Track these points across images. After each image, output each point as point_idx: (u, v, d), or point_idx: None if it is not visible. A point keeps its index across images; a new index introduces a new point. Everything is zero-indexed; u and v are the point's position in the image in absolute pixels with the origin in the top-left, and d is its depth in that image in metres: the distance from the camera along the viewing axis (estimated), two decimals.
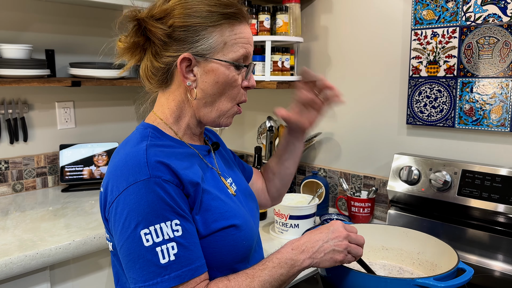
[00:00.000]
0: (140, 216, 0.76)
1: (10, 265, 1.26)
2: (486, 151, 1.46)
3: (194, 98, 0.89)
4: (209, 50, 0.87)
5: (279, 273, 0.83)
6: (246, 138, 2.21)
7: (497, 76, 1.39)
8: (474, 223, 1.39)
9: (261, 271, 0.83)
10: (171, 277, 0.76)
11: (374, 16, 1.68)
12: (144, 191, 0.77)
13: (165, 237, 0.76)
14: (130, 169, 0.79)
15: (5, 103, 1.92)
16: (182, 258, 0.77)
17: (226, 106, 0.91)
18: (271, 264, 0.84)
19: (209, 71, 0.87)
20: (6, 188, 1.95)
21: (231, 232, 0.86)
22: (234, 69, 0.88)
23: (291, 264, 0.84)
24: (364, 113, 1.75)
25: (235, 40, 0.88)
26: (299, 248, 0.86)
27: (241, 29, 0.89)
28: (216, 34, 0.87)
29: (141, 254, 0.76)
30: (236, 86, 0.90)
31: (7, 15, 1.90)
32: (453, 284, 0.91)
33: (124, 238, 0.78)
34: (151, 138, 0.87)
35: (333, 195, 1.86)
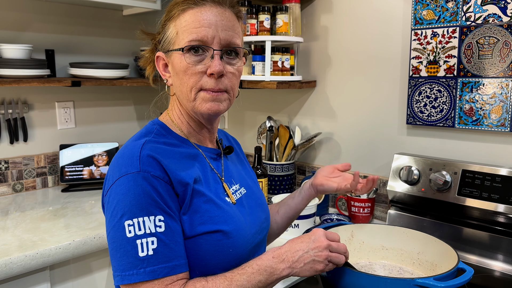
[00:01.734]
0: (126, 207, 0.78)
1: (10, 265, 1.26)
2: (486, 151, 1.46)
3: (172, 94, 0.93)
4: (169, 43, 0.89)
5: (257, 279, 0.83)
6: (246, 138, 2.21)
7: (497, 76, 1.39)
8: (474, 223, 1.39)
9: (239, 275, 0.82)
10: (146, 271, 0.77)
11: (374, 16, 1.68)
12: (132, 184, 0.79)
13: (147, 231, 0.78)
14: (124, 161, 0.82)
15: (5, 103, 1.92)
16: (160, 254, 0.78)
17: (190, 95, 0.87)
18: (251, 269, 0.83)
19: (172, 64, 0.90)
20: (6, 188, 1.95)
21: (216, 238, 0.85)
22: (188, 56, 0.85)
23: (270, 272, 0.84)
24: (364, 113, 1.75)
25: (185, 27, 0.86)
26: (280, 257, 0.85)
27: (193, 13, 0.86)
28: (171, 26, 0.88)
29: (123, 244, 0.78)
30: (193, 73, 0.86)
31: (7, 15, 1.90)
32: (453, 284, 0.91)
33: (110, 227, 0.80)
34: (155, 134, 0.89)
35: (333, 195, 1.86)
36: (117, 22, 2.27)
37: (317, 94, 1.90)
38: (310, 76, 1.92)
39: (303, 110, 1.97)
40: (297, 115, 1.99)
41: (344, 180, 1.12)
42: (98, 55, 2.22)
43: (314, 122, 1.93)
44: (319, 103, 1.90)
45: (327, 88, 1.86)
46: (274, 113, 2.07)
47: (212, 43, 0.86)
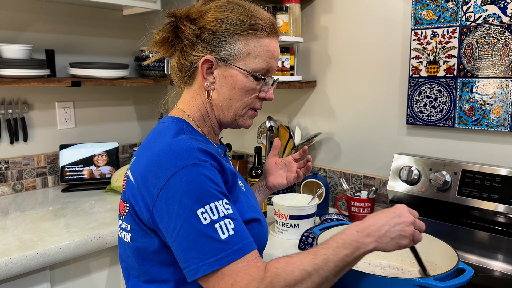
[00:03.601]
0: (194, 196, 0.78)
1: (10, 265, 1.26)
2: (486, 151, 1.46)
3: (209, 99, 0.95)
4: (232, 57, 0.91)
5: (343, 253, 0.81)
6: (246, 138, 2.21)
7: (497, 76, 1.39)
8: (474, 223, 1.39)
9: (324, 249, 0.81)
10: (234, 250, 0.77)
11: (374, 16, 1.68)
12: (195, 174, 0.80)
13: (221, 214, 0.79)
14: (177, 155, 0.82)
15: (5, 103, 1.92)
16: (240, 232, 0.79)
17: (240, 111, 0.96)
18: (335, 244, 0.82)
19: (228, 76, 0.92)
20: (6, 188, 1.95)
21: (256, 226, 0.91)
22: (252, 79, 0.92)
23: (356, 246, 0.82)
24: (364, 113, 1.75)
25: (259, 52, 0.92)
26: (364, 231, 0.84)
27: (267, 43, 0.93)
28: (241, 42, 0.91)
29: (201, 232, 0.77)
30: (252, 94, 0.94)
31: (7, 15, 1.90)
32: (453, 284, 0.91)
33: (182, 219, 0.78)
34: (187, 132, 0.91)
35: (333, 195, 1.86)
36: (117, 22, 2.27)
37: (317, 94, 1.90)
38: (310, 76, 1.92)
39: (303, 110, 1.97)
40: (297, 115, 1.99)
41: (289, 172, 1.25)
42: (98, 55, 2.22)
43: (314, 122, 1.93)
44: (319, 103, 1.90)
45: (327, 88, 1.86)
46: (274, 113, 2.07)
47: (273, 73, 0.97)
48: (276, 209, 1.54)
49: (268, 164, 1.29)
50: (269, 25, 0.93)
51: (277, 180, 1.25)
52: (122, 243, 0.95)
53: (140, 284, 0.92)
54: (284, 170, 1.26)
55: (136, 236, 0.89)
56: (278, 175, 1.26)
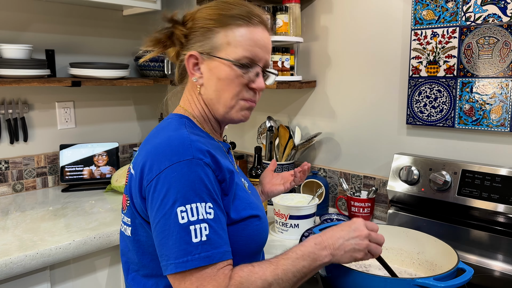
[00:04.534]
0: (179, 193, 0.79)
1: (10, 265, 1.26)
2: (486, 151, 1.46)
3: (198, 93, 0.96)
4: (213, 49, 0.93)
5: (301, 264, 0.85)
6: (246, 138, 2.21)
7: (497, 76, 1.39)
8: (474, 223, 1.39)
9: (284, 260, 0.85)
10: (201, 257, 0.77)
11: (374, 16, 1.68)
12: (186, 170, 0.80)
13: (200, 217, 0.79)
14: (173, 149, 0.83)
15: (5, 103, 1.92)
16: (212, 240, 0.79)
17: (230, 102, 0.94)
18: (294, 255, 0.86)
19: (212, 69, 0.93)
20: (6, 188, 1.95)
21: (255, 222, 0.91)
22: (237, 68, 0.92)
23: (313, 258, 0.87)
24: (364, 113, 1.75)
25: (239, 41, 0.92)
26: (321, 243, 0.89)
27: (248, 32, 0.93)
28: (221, 34, 0.92)
29: (175, 231, 0.78)
30: (239, 83, 0.93)
31: (7, 15, 1.90)
32: (453, 284, 0.91)
33: (161, 214, 0.80)
34: (188, 127, 0.92)
35: (333, 195, 1.86)
36: (117, 22, 2.27)
37: (317, 94, 1.90)
38: (310, 76, 1.92)
39: (303, 110, 1.97)
40: (297, 115, 1.99)
41: (285, 180, 1.31)
42: (98, 55, 2.22)
43: (314, 122, 1.93)
44: (319, 103, 1.90)
45: (327, 88, 1.86)
46: (274, 113, 2.07)
47: (259, 62, 0.95)
48: (276, 209, 1.54)
49: (265, 172, 1.35)
50: (249, 14, 0.93)
51: (274, 187, 1.30)
52: (123, 236, 0.97)
53: (139, 278, 0.93)
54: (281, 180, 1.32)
55: (136, 230, 0.90)
56: (274, 182, 1.32)
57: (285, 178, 1.32)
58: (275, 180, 1.32)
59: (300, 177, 1.29)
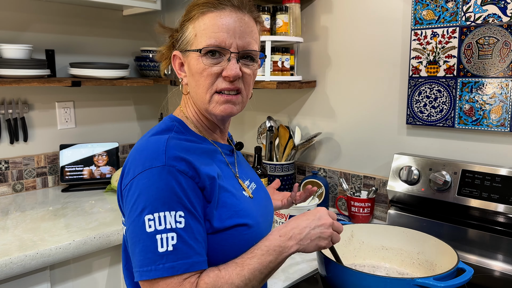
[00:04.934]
0: (148, 201, 0.78)
1: (10, 265, 1.26)
2: (486, 151, 1.46)
3: (186, 93, 0.95)
4: (186, 44, 0.90)
5: (268, 260, 0.84)
6: (246, 138, 2.21)
7: (497, 76, 1.39)
8: (474, 223, 1.39)
9: (250, 259, 0.84)
10: (165, 267, 0.76)
11: (374, 16, 1.68)
12: (156, 178, 0.78)
13: (167, 226, 0.77)
14: (148, 155, 0.82)
15: (5, 103, 1.92)
16: (179, 251, 0.77)
17: (205, 97, 0.89)
18: (260, 252, 0.85)
19: (188, 65, 0.91)
20: (6, 188, 1.95)
21: (243, 231, 0.88)
22: (204, 59, 0.86)
23: (279, 251, 0.85)
24: (364, 113, 1.75)
25: (203, 30, 0.87)
26: (286, 235, 0.87)
27: (211, 17, 0.87)
28: (190, 27, 0.90)
29: (142, 239, 0.77)
30: (209, 75, 0.87)
31: (7, 15, 1.90)
32: (453, 284, 0.91)
33: (130, 221, 0.79)
34: (175, 132, 0.90)
35: (333, 195, 1.86)
36: (117, 22, 2.27)
37: (317, 94, 1.90)
38: (310, 76, 1.92)
39: (303, 110, 1.97)
40: (297, 115, 1.99)
41: (284, 196, 1.26)
42: (98, 55, 2.22)
43: (314, 122, 1.93)
44: (319, 103, 1.90)
45: (327, 88, 1.86)
46: (274, 113, 2.07)
47: (230, 48, 0.87)
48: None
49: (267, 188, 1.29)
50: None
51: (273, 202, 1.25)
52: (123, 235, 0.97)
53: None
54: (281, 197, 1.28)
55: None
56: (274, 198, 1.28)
57: (285, 195, 1.29)
58: (275, 196, 1.29)
59: (300, 195, 1.25)
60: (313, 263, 1.31)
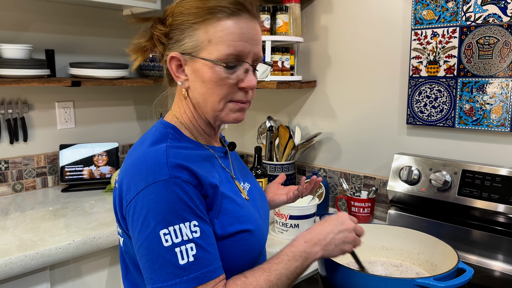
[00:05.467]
0: (160, 216, 0.76)
1: (10, 265, 1.26)
2: (486, 151, 1.46)
3: (185, 98, 0.89)
4: (194, 48, 0.84)
5: (294, 266, 0.85)
6: (246, 138, 2.21)
7: (497, 76, 1.39)
8: (474, 223, 1.39)
9: (276, 264, 0.84)
10: (189, 278, 0.75)
11: (374, 16, 1.68)
12: (163, 191, 0.76)
13: (184, 238, 0.76)
14: (149, 168, 0.79)
15: (5, 103, 1.92)
16: (200, 260, 0.77)
17: (217, 105, 0.86)
18: (286, 257, 0.85)
19: (196, 70, 0.85)
20: (6, 188, 1.95)
21: (245, 237, 0.87)
22: (220, 68, 0.82)
23: (305, 257, 0.86)
24: (364, 113, 1.75)
25: (220, 37, 0.82)
26: (311, 240, 0.88)
27: (230, 25, 0.82)
28: (200, 31, 0.83)
29: (160, 254, 0.75)
30: (225, 85, 0.84)
31: (7, 15, 1.90)
32: (453, 284, 0.91)
33: (143, 238, 0.77)
34: (170, 140, 0.86)
35: (333, 195, 1.86)
36: (117, 22, 2.27)
37: (317, 94, 1.90)
38: (310, 76, 1.92)
39: (303, 110, 1.97)
40: (297, 115, 1.99)
41: (289, 190, 1.21)
42: (98, 55, 2.22)
43: (314, 122, 1.93)
44: (319, 103, 1.90)
45: (327, 88, 1.86)
46: (274, 113, 2.07)
47: (247, 58, 0.85)
48: (276, 209, 1.54)
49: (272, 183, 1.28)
50: (229, 3, 0.82)
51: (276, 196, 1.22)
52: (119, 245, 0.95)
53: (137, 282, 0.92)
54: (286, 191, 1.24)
55: (126, 242, 0.88)
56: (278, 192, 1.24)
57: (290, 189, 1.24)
58: (279, 191, 1.26)
59: (306, 187, 1.20)
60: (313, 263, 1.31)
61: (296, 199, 1.22)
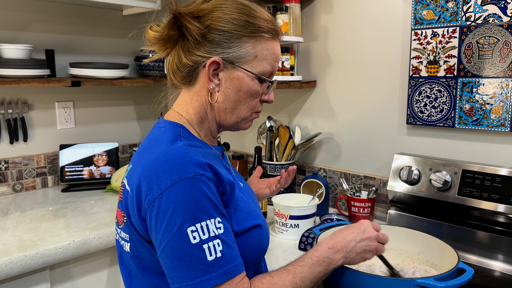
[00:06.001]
0: (187, 213, 0.76)
1: (10, 265, 1.26)
2: (486, 151, 1.46)
3: (214, 101, 0.91)
4: (239, 59, 0.89)
5: (318, 270, 0.87)
6: (246, 138, 2.21)
7: (497, 76, 1.39)
8: (474, 223, 1.38)
9: (301, 267, 0.86)
10: (219, 274, 0.76)
11: (374, 16, 1.68)
12: (190, 189, 0.77)
13: (211, 234, 0.77)
14: (173, 166, 0.79)
15: (5, 103, 1.92)
16: (227, 255, 0.78)
17: (244, 114, 0.94)
18: (310, 261, 0.87)
19: (234, 79, 0.90)
20: (6, 188, 1.95)
21: (257, 232, 0.90)
22: (258, 82, 0.91)
23: (328, 263, 0.88)
24: (364, 113, 1.75)
25: (265, 55, 0.90)
26: (334, 247, 0.90)
27: (273, 46, 0.92)
28: (249, 45, 0.89)
29: (188, 252, 0.76)
30: (257, 98, 0.93)
31: (7, 15, 1.90)
32: (453, 284, 0.91)
33: (169, 237, 0.77)
34: (183, 138, 0.88)
35: (333, 195, 1.86)
36: (117, 22, 2.27)
37: (317, 94, 1.90)
38: (310, 76, 1.92)
39: (303, 110, 1.96)
40: (297, 115, 1.99)
41: (270, 183, 1.29)
42: (98, 55, 2.22)
43: (314, 122, 1.93)
44: (319, 103, 1.90)
45: (327, 88, 1.86)
46: (274, 113, 2.07)
47: (273, 76, 0.96)
48: (276, 209, 1.54)
49: (251, 178, 1.33)
50: (275, 27, 0.92)
51: (260, 190, 1.28)
52: (121, 251, 0.94)
53: None
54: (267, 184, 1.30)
55: (135, 247, 0.87)
56: (260, 186, 1.30)
57: (271, 182, 1.30)
58: (261, 185, 1.31)
59: (286, 179, 1.26)
60: None
61: (278, 191, 1.29)
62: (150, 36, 0.93)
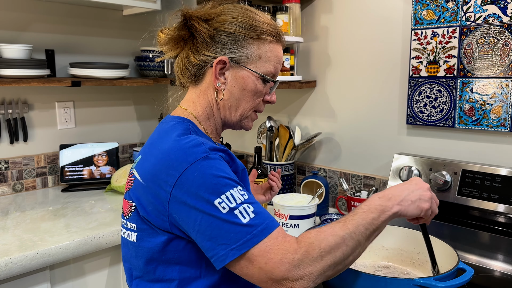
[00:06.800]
0: (209, 188, 0.79)
1: (10, 265, 1.26)
2: (486, 151, 1.46)
3: (220, 99, 0.97)
4: (245, 59, 0.95)
5: (371, 217, 0.84)
6: (246, 138, 2.21)
7: (497, 76, 1.39)
8: (474, 223, 1.39)
9: (351, 216, 0.85)
10: (259, 231, 0.78)
11: (374, 16, 1.68)
12: (206, 166, 0.81)
13: (238, 201, 0.80)
14: (186, 151, 0.83)
15: (5, 103, 1.92)
16: (260, 214, 0.80)
17: (247, 113, 0.99)
18: (361, 210, 0.86)
19: (239, 78, 0.95)
20: (6, 188, 1.95)
21: None
22: (261, 82, 0.97)
23: (381, 210, 0.85)
24: (364, 113, 1.75)
25: (269, 57, 0.96)
26: (386, 196, 0.88)
27: (276, 49, 0.98)
28: (254, 46, 0.95)
29: (223, 221, 0.78)
30: (259, 97, 0.99)
31: (7, 15, 1.90)
32: (453, 284, 0.91)
33: (200, 214, 0.79)
34: (193, 132, 0.92)
35: (333, 195, 1.86)
36: (117, 22, 2.27)
37: (317, 94, 1.90)
38: (310, 76, 1.92)
39: (303, 110, 1.97)
40: (297, 115, 1.99)
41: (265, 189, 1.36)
42: (98, 55, 2.22)
43: (314, 122, 1.93)
44: (319, 103, 1.90)
45: (327, 88, 1.86)
46: (274, 113, 2.07)
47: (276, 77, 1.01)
48: (276, 209, 1.53)
49: None
50: (277, 31, 0.98)
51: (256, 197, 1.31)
52: (126, 243, 0.95)
53: (143, 283, 0.92)
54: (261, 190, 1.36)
55: (143, 235, 0.89)
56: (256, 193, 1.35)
57: (264, 187, 1.36)
58: (258, 191, 1.36)
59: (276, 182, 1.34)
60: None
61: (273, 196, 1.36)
62: (161, 38, 0.99)
